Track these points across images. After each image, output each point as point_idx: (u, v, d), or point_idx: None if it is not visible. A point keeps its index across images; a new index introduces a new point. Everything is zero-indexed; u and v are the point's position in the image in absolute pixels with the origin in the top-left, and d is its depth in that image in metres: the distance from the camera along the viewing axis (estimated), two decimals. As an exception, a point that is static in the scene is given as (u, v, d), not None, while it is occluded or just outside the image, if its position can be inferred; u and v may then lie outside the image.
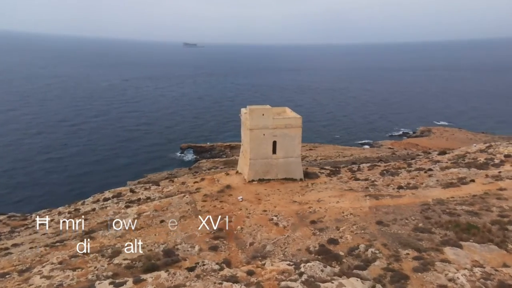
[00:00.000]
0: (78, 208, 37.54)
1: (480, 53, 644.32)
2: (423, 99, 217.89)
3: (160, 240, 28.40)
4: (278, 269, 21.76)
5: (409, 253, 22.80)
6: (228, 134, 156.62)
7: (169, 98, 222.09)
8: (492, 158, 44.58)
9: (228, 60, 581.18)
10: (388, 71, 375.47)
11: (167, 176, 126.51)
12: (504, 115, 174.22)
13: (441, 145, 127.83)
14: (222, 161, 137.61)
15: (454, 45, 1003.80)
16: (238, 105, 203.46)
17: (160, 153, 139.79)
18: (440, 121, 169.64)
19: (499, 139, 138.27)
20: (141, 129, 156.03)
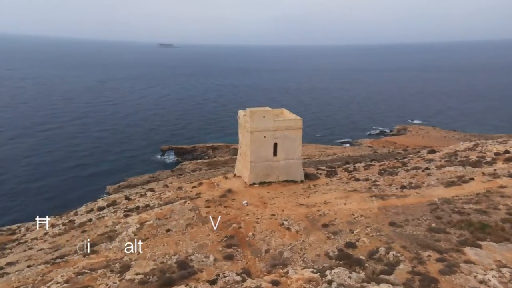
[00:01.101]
0: (72, 220, 35.40)
1: (456, 55, 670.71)
2: (399, 99, 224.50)
3: (170, 251, 27.13)
4: (303, 277, 21.14)
5: (430, 255, 22.80)
6: (210, 136, 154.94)
7: (148, 99, 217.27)
8: (484, 156, 45.97)
9: (207, 61, 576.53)
10: (366, 72, 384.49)
11: (149, 179, 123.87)
12: (475, 114, 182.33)
13: (417, 143, 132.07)
14: (205, 162, 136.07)
15: (432, 47, 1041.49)
16: (221, 106, 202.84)
17: (140, 155, 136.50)
18: (415, 120, 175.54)
19: (471, 137, 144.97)
20: (119, 132, 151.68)
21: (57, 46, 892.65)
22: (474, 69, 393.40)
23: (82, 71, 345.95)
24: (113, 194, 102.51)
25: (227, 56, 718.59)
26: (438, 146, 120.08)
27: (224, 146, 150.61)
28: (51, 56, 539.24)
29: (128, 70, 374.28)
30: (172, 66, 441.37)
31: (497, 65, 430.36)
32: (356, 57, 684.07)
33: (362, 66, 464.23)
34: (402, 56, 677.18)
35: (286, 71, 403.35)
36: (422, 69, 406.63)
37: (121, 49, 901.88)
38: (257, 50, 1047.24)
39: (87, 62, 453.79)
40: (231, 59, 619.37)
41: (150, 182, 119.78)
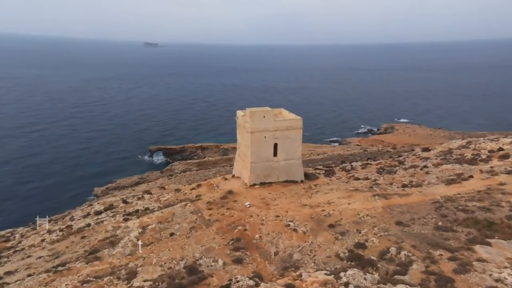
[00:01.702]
0: (70, 225, 34.22)
1: (441, 55, 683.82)
2: (386, 98, 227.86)
3: (176, 256, 26.48)
4: (318, 280, 20.87)
5: (442, 254, 22.88)
6: (200, 136, 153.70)
7: (136, 99, 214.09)
8: (478, 154, 46.75)
9: (194, 60, 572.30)
10: (355, 71, 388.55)
11: (137, 180, 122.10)
12: (460, 112, 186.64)
13: (405, 141, 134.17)
14: (195, 162, 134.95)
15: (418, 47, 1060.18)
16: (210, 106, 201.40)
17: (128, 157, 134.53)
18: (402, 119, 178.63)
19: (456, 134, 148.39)
20: (107, 133, 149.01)
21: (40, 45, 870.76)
22: (459, 68, 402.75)
23: (67, 70, 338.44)
24: (102, 197, 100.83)
25: (214, 56, 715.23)
26: (425, 144, 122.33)
27: (214, 146, 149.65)
28: (34, 55, 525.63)
29: (114, 69, 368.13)
30: (158, 66, 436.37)
31: (481, 64, 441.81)
32: (344, 57, 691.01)
33: (351, 66, 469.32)
34: (389, 56, 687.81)
35: (275, 70, 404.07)
36: (409, 68, 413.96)
37: (106, 48, 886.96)
38: (245, 50, 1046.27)
39: (71, 61, 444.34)
40: (218, 59, 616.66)
41: (139, 183, 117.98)
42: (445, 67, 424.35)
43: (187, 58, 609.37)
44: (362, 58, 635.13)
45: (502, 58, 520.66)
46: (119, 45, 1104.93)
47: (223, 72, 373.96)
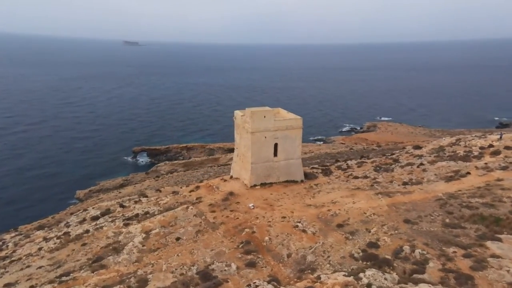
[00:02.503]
0: (67, 232, 32.68)
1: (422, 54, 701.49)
2: (369, 96, 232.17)
3: (186, 261, 25.71)
4: (338, 282, 20.64)
5: (455, 251, 23.14)
6: (185, 136, 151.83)
7: (118, 99, 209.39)
8: (470, 151, 47.97)
9: (176, 59, 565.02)
10: (338, 71, 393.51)
11: (122, 182, 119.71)
12: (439, 110, 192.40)
13: (387, 139, 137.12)
14: (181, 163, 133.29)
15: (400, 47, 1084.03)
16: (194, 106, 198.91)
17: (111, 158, 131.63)
18: (383, 117, 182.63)
19: (435, 132, 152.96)
20: (88, 134, 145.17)
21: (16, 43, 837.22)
22: (440, 68, 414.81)
23: (44, 69, 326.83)
24: (85, 200, 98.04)
25: (197, 55, 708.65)
26: (408, 141, 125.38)
27: (199, 146, 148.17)
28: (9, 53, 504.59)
29: (94, 68, 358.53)
30: (140, 65, 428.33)
31: (460, 64, 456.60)
32: (326, 56, 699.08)
33: (334, 65, 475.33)
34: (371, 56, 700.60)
35: (260, 69, 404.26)
36: (392, 68, 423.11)
37: (85, 47, 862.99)
38: (228, 49, 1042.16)
39: (48, 60, 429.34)
40: (201, 58, 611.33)
41: (124, 185, 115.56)
42: (425, 66, 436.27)
43: (170, 57, 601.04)
44: (344, 58, 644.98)
45: (480, 58, 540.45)
46: (98, 44, 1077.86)
47: (207, 71, 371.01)
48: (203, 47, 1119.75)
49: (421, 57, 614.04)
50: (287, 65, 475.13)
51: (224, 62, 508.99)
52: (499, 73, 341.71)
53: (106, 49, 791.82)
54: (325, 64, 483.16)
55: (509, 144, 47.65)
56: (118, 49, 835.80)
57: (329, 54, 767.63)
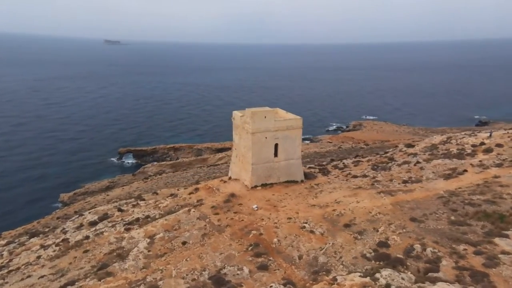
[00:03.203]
0: (66, 238, 31.44)
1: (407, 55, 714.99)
2: (354, 96, 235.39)
3: (196, 266, 25.15)
4: (355, 283, 20.58)
5: (466, 248, 23.51)
6: (172, 137, 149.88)
7: (102, 99, 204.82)
8: (463, 149, 49.07)
9: (160, 59, 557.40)
10: (324, 70, 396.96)
11: (108, 184, 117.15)
12: (422, 109, 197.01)
13: (373, 138, 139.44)
14: (169, 164, 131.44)
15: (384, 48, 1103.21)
16: (180, 106, 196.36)
17: (96, 160, 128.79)
18: (369, 116, 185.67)
19: (419, 130, 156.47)
20: (71, 136, 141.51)
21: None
22: (424, 68, 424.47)
23: (21, 68, 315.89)
24: (70, 204, 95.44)
25: (181, 54, 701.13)
26: (394, 140, 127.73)
27: (187, 146, 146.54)
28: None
29: (75, 68, 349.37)
30: (123, 64, 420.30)
31: (445, 64, 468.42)
32: (312, 56, 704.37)
33: (320, 65, 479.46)
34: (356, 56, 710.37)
35: (246, 69, 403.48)
36: (377, 68, 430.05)
37: (64, 46, 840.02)
38: (213, 48, 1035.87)
39: (25, 59, 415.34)
40: (186, 57, 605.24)
41: (111, 188, 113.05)
42: (410, 66, 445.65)
43: (153, 57, 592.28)
44: (331, 58, 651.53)
45: (463, 59, 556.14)
46: (77, 43, 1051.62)
47: (193, 71, 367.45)
48: (189, 47, 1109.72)
49: (407, 57, 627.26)
50: (274, 65, 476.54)
51: (212, 62, 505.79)
52: (480, 72, 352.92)
53: (86, 48, 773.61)
54: (311, 64, 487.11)
55: (499, 141, 48.97)
56: (99, 48, 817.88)
57: (316, 54, 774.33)
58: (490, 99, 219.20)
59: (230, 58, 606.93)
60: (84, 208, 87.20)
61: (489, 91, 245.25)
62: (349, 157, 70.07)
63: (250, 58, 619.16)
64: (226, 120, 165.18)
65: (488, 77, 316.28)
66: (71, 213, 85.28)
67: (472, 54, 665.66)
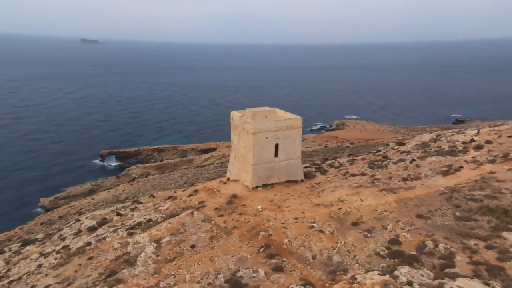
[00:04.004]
0: (66, 245, 30.06)
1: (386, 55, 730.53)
2: (336, 95, 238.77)
3: (209, 270, 24.59)
4: (376, 281, 20.61)
5: (477, 243, 24.07)
6: (154, 138, 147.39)
7: (82, 100, 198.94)
8: (455, 146, 50.51)
9: (138, 58, 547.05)
10: (306, 70, 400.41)
11: (91, 187, 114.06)
12: (402, 108, 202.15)
13: (357, 136, 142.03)
14: (154, 166, 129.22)
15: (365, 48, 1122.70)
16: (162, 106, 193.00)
17: (77, 163, 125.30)
18: (350, 115, 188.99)
19: (400, 129, 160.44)
20: (50, 138, 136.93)
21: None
22: (402, 68, 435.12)
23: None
24: (53, 209, 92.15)
25: (160, 54, 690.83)
26: (377, 138, 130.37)
27: (171, 147, 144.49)
28: None
29: (51, 68, 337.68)
30: (103, 64, 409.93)
31: (423, 64, 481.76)
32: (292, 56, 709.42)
33: (301, 65, 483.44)
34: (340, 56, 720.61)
35: (228, 69, 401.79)
36: (358, 68, 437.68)
37: (38, 44, 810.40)
38: (192, 48, 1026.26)
39: None
40: (164, 57, 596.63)
41: (94, 191, 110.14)
42: (389, 66, 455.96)
43: (131, 57, 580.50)
44: (312, 58, 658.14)
45: (441, 59, 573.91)
46: (52, 41, 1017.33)
47: (171, 71, 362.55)
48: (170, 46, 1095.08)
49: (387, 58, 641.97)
50: (257, 64, 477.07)
51: (190, 62, 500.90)
52: (456, 72, 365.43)
53: (62, 47, 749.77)
54: (294, 64, 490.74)
55: (488, 138, 50.70)
56: (76, 47, 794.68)
57: (299, 54, 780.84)
58: (465, 98, 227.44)
59: (210, 58, 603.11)
60: (69, 213, 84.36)
61: (465, 90, 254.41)
62: (342, 155, 70.86)
63: (229, 58, 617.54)
64: (212, 121, 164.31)
65: (463, 77, 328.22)
66: (56, 218, 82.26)
67: (449, 54, 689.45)
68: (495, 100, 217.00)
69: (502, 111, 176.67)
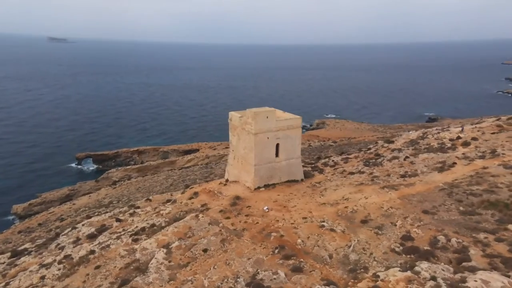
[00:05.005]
0: (68, 255, 28.49)
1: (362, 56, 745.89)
2: (313, 95, 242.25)
3: (227, 273, 24.11)
4: (399, 278, 20.91)
5: (486, 236, 24.95)
6: (132, 139, 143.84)
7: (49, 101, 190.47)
8: (443, 143, 52.33)
9: (112, 58, 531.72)
10: (281, 70, 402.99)
11: (68, 192, 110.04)
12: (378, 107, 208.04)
13: (337, 135, 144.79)
14: (135, 168, 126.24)
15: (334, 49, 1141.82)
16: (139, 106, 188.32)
17: (51, 167, 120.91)
18: (329, 114, 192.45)
19: (378, 127, 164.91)
20: (21, 142, 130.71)
21: None
22: (376, 67, 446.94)
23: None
24: (31, 216, 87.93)
25: (134, 53, 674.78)
26: (359, 137, 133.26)
27: (152, 149, 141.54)
28: None
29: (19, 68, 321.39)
30: (72, 64, 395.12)
31: (399, 64, 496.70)
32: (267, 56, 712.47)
33: (277, 65, 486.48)
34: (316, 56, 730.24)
35: (201, 69, 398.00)
36: (328, 68, 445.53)
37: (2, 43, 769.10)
38: (166, 47, 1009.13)
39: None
40: (139, 57, 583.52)
41: (71, 196, 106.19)
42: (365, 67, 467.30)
43: (104, 56, 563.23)
44: (285, 58, 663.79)
45: (416, 59, 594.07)
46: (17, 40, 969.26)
47: (146, 71, 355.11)
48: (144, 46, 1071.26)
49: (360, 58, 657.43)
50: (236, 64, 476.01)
51: (165, 62, 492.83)
52: (427, 73, 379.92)
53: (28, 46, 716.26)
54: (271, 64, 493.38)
55: (472, 135, 52.89)
56: (43, 46, 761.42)
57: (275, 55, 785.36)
58: (436, 97, 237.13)
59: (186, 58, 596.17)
60: (49, 220, 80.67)
61: (435, 90, 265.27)
62: (331, 154, 71.81)
63: (206, 58, 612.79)
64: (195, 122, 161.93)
65: (434, 77, 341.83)
66: (35, 225, 78.43)
67: (420, 55, 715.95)
68: (464, 99, 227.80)
69: (472, 110, 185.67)
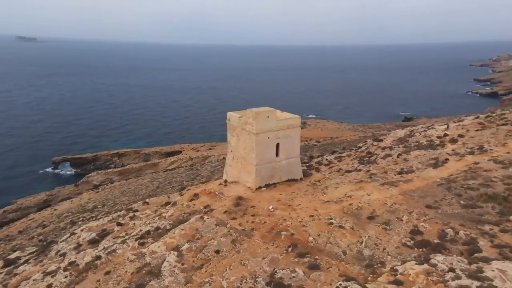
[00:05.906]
0: (73, 261, 27.25)
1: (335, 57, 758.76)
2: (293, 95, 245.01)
3: (244, 274, 23.90)
4: (417, 271, 21.45)
5: (492, 228, 26.00)
6: (112, 142, 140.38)
7: (22, 104, 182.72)
8: (432, 140, 54.19)
9: (87, 58, 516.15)
10: (261, 71, 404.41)
11: (46, 198, 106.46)
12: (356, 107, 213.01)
13: (319, 135, 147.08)
14: (116, 171, 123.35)
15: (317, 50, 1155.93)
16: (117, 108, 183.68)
17: (26, 172, 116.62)
18: (310, 114, 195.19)
19: (358, 127, 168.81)
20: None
21: None
22: (353, 69, 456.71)
23: None
24: (10, 224, 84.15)
25: (111, 54, 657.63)
26: (341, 136, 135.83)
27: (132, 151, 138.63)
28: None
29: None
30: (44, 64, 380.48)
31: (376, 66, 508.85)
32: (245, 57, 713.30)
33: (255, 65, 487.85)
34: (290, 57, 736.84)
35: (181, 70, 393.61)
36: (308, 68, 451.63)
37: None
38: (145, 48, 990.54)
39: None
40: (116, 57, 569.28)
41: (50, 201, 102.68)
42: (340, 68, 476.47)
43: (78, 56, 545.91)
44: (262, 59, 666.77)
45: (393, 61, 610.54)
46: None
47: (125, 71, 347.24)
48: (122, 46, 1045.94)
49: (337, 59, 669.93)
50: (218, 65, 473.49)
51: (145, 62, 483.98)
52: (402, 73, 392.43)
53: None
54: (248, 65, 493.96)
55: (460, 132, 55.03)
56: (12, 45, 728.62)
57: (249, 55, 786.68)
58: (410, 97, 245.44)
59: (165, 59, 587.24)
60: (30, 227, 77.48)
61: (409, 90, 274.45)
62: (320, 153, 72.76)
63: (185, 59, 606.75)
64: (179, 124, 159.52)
65: (408, 77, 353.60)
66: (15, 233, 75.20)
67: (394, 57, 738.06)
68: (437, 99, 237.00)
69: (445, 109, 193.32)
